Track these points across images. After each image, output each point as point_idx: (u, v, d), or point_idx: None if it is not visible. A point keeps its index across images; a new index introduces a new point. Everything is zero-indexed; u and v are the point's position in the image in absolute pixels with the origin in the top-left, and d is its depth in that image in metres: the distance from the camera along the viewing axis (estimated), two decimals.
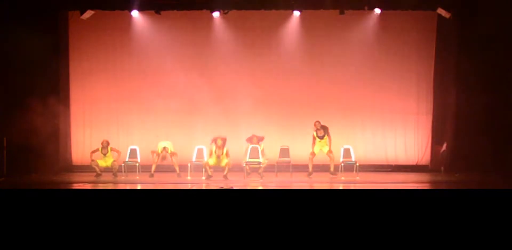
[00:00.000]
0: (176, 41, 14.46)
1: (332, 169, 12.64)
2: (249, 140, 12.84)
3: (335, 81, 14.50)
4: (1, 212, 6.47)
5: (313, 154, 12.68)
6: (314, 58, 14.49)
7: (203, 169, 12.55)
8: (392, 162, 14.50)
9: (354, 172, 12.73)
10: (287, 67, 14.45)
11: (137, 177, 12.66)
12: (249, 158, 12.63)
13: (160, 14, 13.93)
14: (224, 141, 12.38)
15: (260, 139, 12.82)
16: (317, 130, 12.72)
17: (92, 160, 12.76)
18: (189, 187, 10.94)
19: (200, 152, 13.07)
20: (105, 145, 12.93)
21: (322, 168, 13.81)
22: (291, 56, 14.44)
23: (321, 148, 12.74)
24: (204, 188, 10.61)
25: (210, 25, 14.25)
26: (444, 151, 13.93)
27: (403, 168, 14.14)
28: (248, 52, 14.49)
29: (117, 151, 13.01)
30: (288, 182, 11.88)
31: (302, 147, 13.82)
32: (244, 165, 12.50)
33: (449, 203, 6.48)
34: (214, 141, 12.46)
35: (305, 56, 14.46)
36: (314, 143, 12.74)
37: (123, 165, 12.91)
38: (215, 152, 12.35)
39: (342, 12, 13.75)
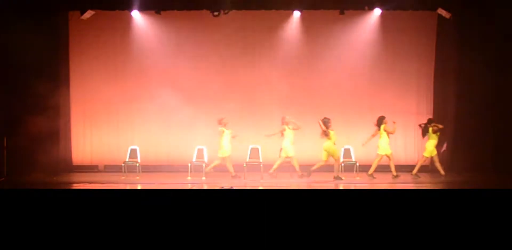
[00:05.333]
0: (176, 41, 14.47)
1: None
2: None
3: (335, 81, 14.50)
4: (1, 212, 6.47)
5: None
6: (314, 58, 14.50)
7: (204, 168, 12.54)
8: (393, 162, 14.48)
9: (354, 172, 12.73)
10: (287, 67, 14.45)
11: (137, 177, 12.67)
12: (249, 158, 12.67)
13: (160, 14, 13.94)
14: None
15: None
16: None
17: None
18: (189, 187, 10.94)
19: (200, 152, 13.07)
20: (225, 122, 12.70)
21: (322, 168, 13.82)
22: (291, 56, 14.45)
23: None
24: (204, 188, 10.61)
25: (210, 25, 14.26)
26: (444, 151, 13.92)
27: (403, 168, 14.11)
28: (248, 52, 14.50)
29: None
30: (288, 182, 11.88)
31: (302, 146, 13.83)
32: (245, 165, 12.52)
33: (449, 203, 6.48)
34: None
35: (305, 56, 14.48)
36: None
37: (123, 165, 12.91)
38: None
39: (342, 12, 13.76)
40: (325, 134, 12.22)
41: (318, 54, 14.48)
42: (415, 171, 12.46)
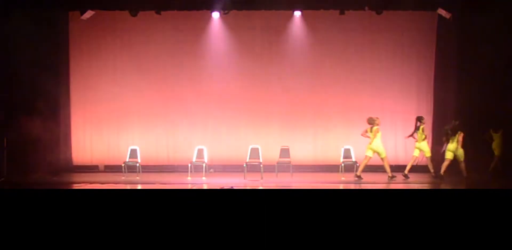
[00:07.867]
0: (176, 41, 14.47)
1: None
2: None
3: (335, 81, 14.52)
4: (1, 212, 6.47)
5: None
6: (314, 58, 14.50)
7: (204, 169, 12.53)
8: (392, 162, 14.44)
9: (354, 172, 12.73)
10: (287, 67, 14.46)
11: (137, 177, 12.67)
12: (249, 158, 12.68)
13: (160, 14, 13.93)
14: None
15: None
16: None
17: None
18: (189, 187, 10.95)
19: (200, 152, 13.07)
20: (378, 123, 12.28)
21: (322, 168, 13.87)
22: (292, 56, 14.45)
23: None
24: (204, 188, 10.61)
25: (210, 25, 14.26)
26: (444, 151, 13.91)
27: (403, 168, 14.11)
28: (248, 53, 14.50)
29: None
30: (288, 182, 11.88)
31: (302, 147, 13.86)
32: (245, 165, 12.52)
33: (449, 203, 6.48)
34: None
35: (305, 56, 14.48)
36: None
37: (123, 165, 12.91)
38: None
39: (342, 13, 13.76)
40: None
41: (318, 54, 14.48)
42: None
